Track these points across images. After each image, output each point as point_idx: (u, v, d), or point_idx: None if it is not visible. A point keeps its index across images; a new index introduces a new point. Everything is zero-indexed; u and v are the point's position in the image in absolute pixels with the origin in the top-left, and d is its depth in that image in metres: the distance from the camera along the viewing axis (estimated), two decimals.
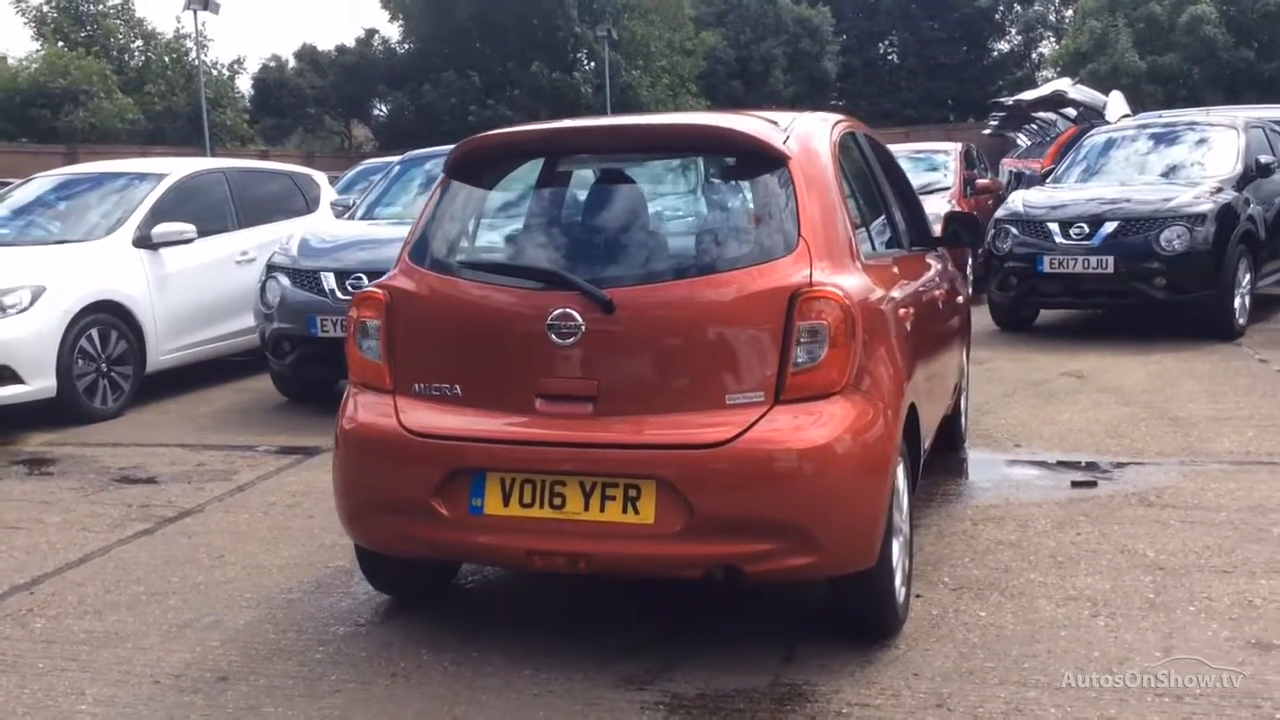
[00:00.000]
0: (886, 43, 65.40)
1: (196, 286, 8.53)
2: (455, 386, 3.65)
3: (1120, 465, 5.79)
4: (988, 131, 28.70)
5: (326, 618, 4.16)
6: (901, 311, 3.97)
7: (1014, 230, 9.91)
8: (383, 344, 3.77)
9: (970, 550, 4.61)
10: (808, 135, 3.89)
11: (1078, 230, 9.46)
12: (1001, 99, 23.09)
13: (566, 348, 3.49)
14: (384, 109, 42.16)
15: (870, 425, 3.47)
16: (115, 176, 9.04)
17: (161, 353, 8.30)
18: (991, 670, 3.51)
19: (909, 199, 5.48)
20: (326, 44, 46.05)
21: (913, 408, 3.94)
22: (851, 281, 3.57)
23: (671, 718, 3.32)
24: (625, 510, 3.41)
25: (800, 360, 3.40)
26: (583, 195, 3.96)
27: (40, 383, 7.35)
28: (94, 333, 7.69)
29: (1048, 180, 11.55)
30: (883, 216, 4.59)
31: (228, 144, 36.92)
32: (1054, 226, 9.62)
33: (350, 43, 43.74)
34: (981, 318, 10.59)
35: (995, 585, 4.21)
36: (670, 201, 3.81)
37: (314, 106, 40.74)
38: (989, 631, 3.80)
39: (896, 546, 3.74)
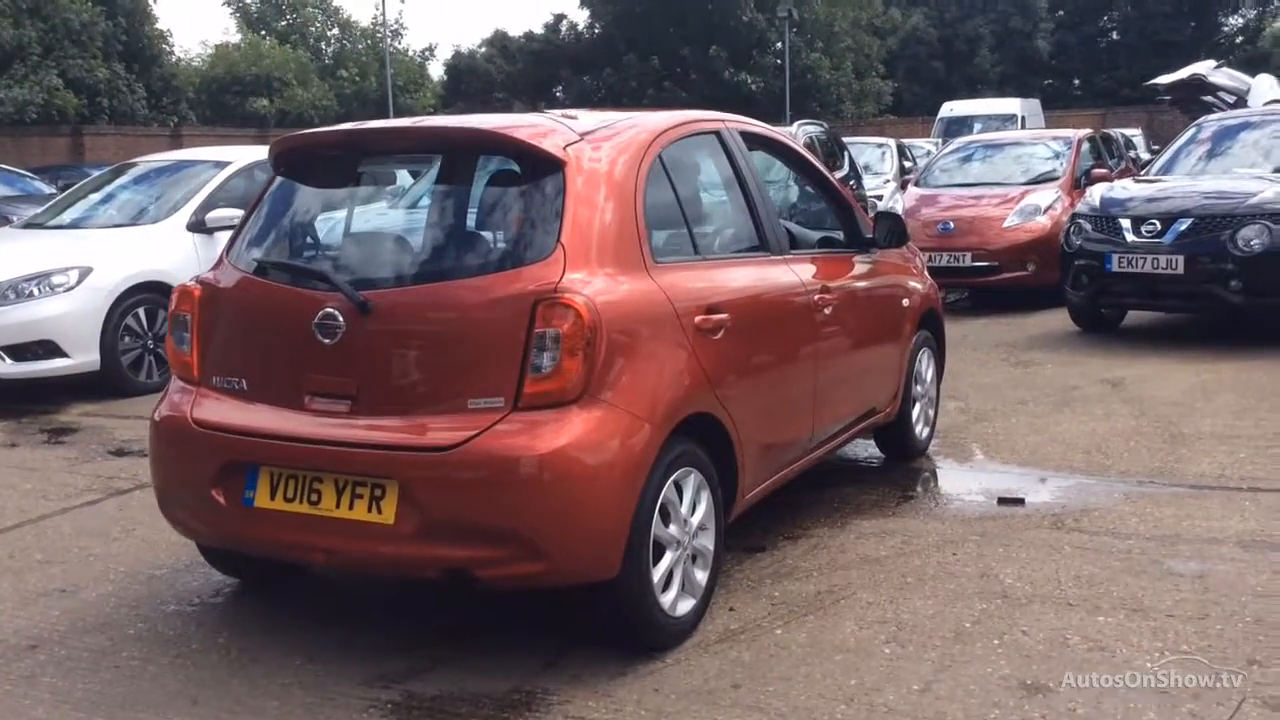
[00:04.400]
0: (1106, 19, 61.96)
1: None
2: (242, 381, 3.79)
3: (1070, 484, 5.46)
4: (1174, 111, 27.02)
5: (169, 596, 4.37)
6: (707, 320, 3.85)
7: (1086, 226, 9.37)
8: (193, 337, 3.93)
9: (830, 565, 4.45)
10: (609, 139, 3.84)
11: (1149, 227, 8.85)
12: (1151, 82, 21.60)
13: (330, 347, 3.57)
14: (568, 92, 42.97)
15: (610, 436, 3.41)
16: (188, 164, 9.60)
17: None
18: (732, 692, 3.42)
19: (835, 199, 5.31)
20: (517, 30, 47.20)
21: (711, 420, 3.84)
22: (609, 289, 3.51)
23: (392, 718, 3.37)
24: (370, 509, 3.47)
25: (538, 366, 3.38)
26: (366, 196, 4.03)
27: (83, 357, 7.92)
28: (141, 311, 8.20)
29: (1143, 171, 10.82)
30: (741, 220, 4.46)
31: None
32: (1125, 223, 9.02)
33: (538, 29, 44.92)
34: (1063, 319, 10.11)
35: (819, 604, 4.06)
36: (442, 204, 3.81)
37: (502, 91, 41.93)
38: (768, 651, 3.69)
39: (666, 559, 3.66)
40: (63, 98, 27.79)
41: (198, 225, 8.72)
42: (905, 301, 5.58)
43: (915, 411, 5.84)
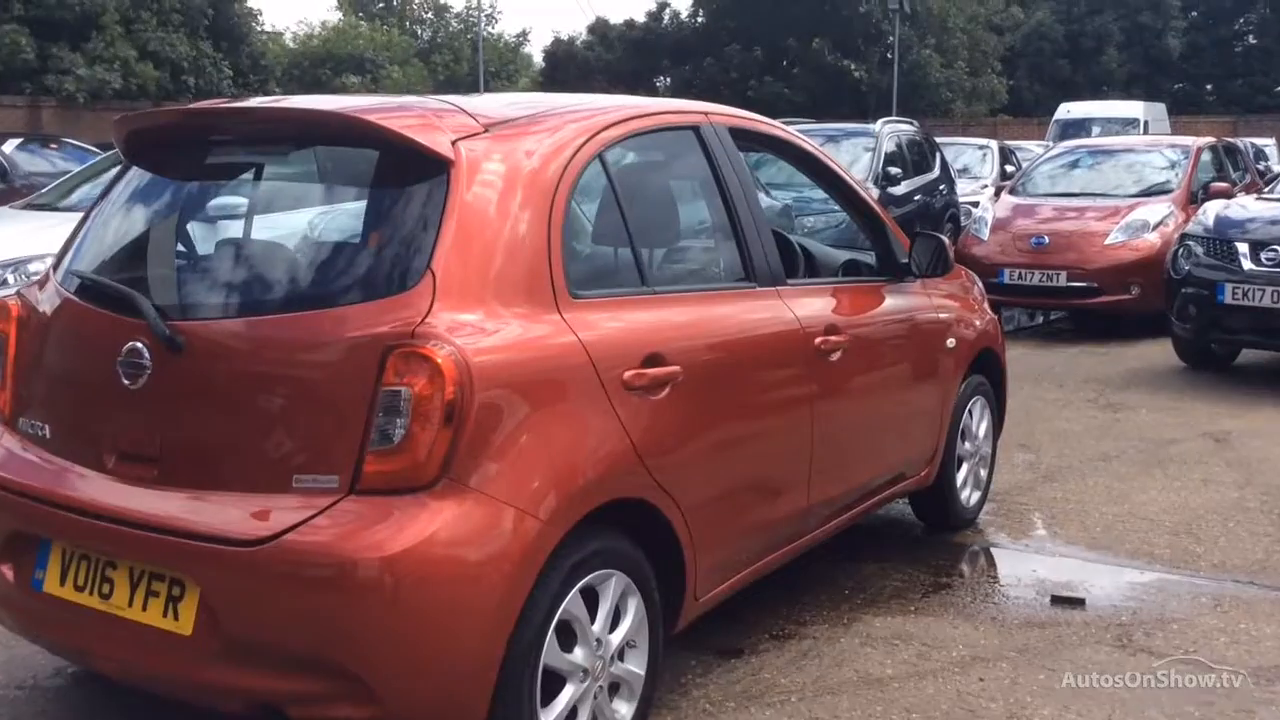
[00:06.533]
0: (1243, 20, 58.87)
1: None
2: (45, 427, 2.97)
3: (1147, 580, 4.39)
4: None
5: (18, 670, 3.58)
6: (643, 375, 2.91)
7: (1197, 249, 8.15)
8: (8, 365, 3.12)
9: (816, 685, 3.48)
10: (529, 132, 2.93)
11: (1270, 254, 7.61)
12: None
13: (135, 393, 2.73)
14: (667, 81, 41.98)
15: (476, 535, 2.51)
16: None
17: None
18: None
19: (864, 214, 4.31)
20: (619, 17, 46.44)
21: (643, 506, 2.91)
22: (492, 334, 2.60)
23: None
24: (166, 613, 2.63)
25: (386, 436, 2.49)
26: (200, 195, 3.17)
27: None
28: None
29: (1268, 188, 9.51)
30: (718, 241, 3.51)
31: None
32: (1243, 247, 7.78)
33: (641, 17, 44.06)
34: (1168, 351, 8.89)
35: None
36: (295, 211, 2.96)
37: (600, 79, 41.12)
38: None
39: (566, 695, 2.75)
40: (142, 71, 27.55)
41: None
42: (950, 341, 4.54)
43: (961, 474, 4.81)
